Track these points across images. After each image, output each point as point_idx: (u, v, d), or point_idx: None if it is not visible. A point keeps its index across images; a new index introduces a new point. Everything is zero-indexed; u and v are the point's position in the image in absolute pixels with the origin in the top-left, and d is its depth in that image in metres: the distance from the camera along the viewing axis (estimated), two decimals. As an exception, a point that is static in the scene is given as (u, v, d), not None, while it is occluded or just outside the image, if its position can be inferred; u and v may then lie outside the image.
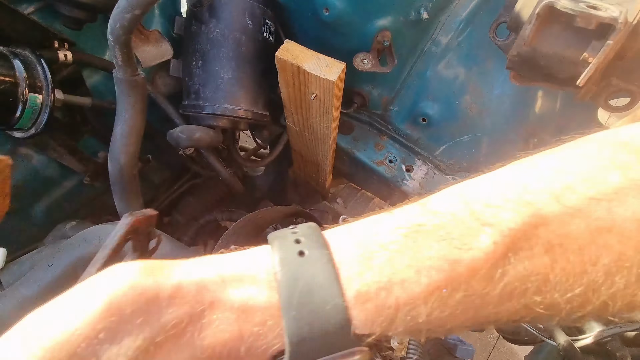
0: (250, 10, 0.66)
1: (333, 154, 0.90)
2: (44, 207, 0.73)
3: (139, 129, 0.50)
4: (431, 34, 0.72)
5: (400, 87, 0.79)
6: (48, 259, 0.44)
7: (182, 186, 1.03)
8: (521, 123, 0.78)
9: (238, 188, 0.83)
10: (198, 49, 0.67)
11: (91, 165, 0.75)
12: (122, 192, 0.51)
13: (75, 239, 0.45)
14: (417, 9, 0.62)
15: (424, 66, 0.75)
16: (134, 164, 0.52)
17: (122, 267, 0.20)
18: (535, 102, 0.77)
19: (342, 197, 1.04)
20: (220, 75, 0.66)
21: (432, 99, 0.77)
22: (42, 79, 0.48)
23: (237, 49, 0.67)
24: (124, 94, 0.47)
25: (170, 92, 0.81)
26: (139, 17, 0.39)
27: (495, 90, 0.74)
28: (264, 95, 0.74)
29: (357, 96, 0.81)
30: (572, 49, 0.46)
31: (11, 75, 0.45)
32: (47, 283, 0.43)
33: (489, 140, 0.79)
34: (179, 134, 0.67)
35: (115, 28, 0.39)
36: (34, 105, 0.47)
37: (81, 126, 0.71)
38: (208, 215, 0.92)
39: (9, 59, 0.46)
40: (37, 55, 0.49)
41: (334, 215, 0.87)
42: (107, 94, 0.74)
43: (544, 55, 0.49)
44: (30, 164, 0.68)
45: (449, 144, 0.82)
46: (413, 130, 0.84)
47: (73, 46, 0.62)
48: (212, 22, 0.65)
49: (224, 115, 0.68)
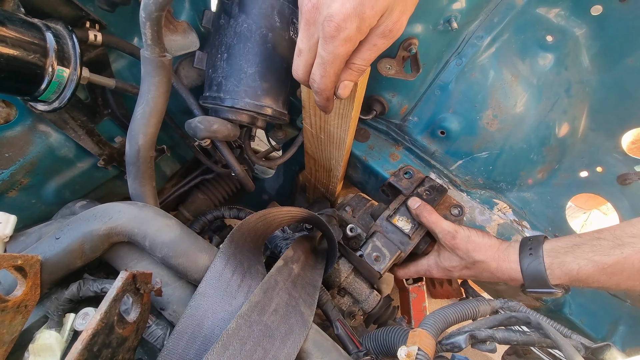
0: (279, 9, 0.67)
1: (346, 160, 0.89)
2: (55, 186, 0.73)
3: (160, 111, 0.50)
4: (457, 47, 0.72)
5: (421, 97, 0.79)
6: (56, 232, 0.44)
7: (192, 181, 1.02)
8: (542, 145, 0.77)
9: (250, 185, 0.82)
10: (224, 42, 0.67)
11: (107, 149, 0.75)
12: (136, 172, 0.51)
13: (85, 214, 0.44)
14: (447, 19, 0.62)
15: (446, 78, 0.74)
16: (152, 146, 0.51)
17: None
18: (558, 126, 0.76)
19: (351, 206, 1.02)
20: (244, 70, 0.67)
21: (452, 112, 0.76)
22: (72, 53, 0.49)
23: (263, 45, 0.67)
24: (149, 73, 0.47)
25: (192, 85, 0.81)
26: (174, -5, 0.39)
27: (517, 108, 0.73)
28: (284, 93, 0.74)
29: (376, 103, 0.80)
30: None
31: (41, 46, 0.46)
32: (52, 255, 0.42)
33: (507, 158, 0.77)
34: (197, 123, 0.67)
35: (149, 4, 0.40)
36: (60, 79, 0.48)
37: (102, 109, 0.71)
38: (215, 211, 0.91)
39: (41, 30, 0.46)
40: (69, 30, 0.49)
41: (341, 223, 0.86)
42: (131, 79, 0.74)
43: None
44: (48, 141, 0.68)
45: (465, 159, 0.80)
46: (430, 142, 0.83)
47: (104, 29, 0.63)
48: (240, 17, 0.66)
49: (243, 109, 0.68)
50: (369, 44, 0.44)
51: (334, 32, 0.40)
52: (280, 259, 0.58)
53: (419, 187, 0.79)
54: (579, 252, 0.54)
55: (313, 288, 0.58)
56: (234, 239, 0.50)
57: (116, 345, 0.35)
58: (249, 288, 0.46)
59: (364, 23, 0.40)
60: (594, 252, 0.52)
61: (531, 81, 0.72)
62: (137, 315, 0.39)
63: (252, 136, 0.82)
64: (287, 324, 0.45)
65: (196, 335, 0.41)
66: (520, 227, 0.80)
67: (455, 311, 0.54)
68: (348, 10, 0.39)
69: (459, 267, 0.69)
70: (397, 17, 0.42)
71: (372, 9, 0.39)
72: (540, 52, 0.71)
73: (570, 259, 0.54)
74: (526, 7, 0.68)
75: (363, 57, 0.45)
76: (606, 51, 0.68)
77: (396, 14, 0.41)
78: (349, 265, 0.80)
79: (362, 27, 0.41)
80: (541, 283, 0.57)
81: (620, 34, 0.65)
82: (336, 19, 0.39)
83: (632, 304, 0.70)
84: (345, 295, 0.81)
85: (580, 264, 0.53)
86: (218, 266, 0.45)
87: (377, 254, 0.72)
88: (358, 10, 0.39)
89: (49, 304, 0.43)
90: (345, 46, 0.42)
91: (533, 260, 0.58)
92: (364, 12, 0.39)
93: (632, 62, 0.67)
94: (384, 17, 0.41)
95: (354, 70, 0.46)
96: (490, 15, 0.69)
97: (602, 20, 0.65)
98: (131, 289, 0.36)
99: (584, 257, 0.53)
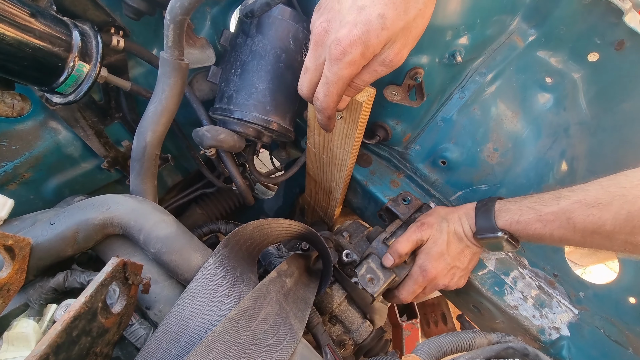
0: (294, 32, 0.71)
1: (347, 183, 0.90)
2: (56, 183, 0.73)
3: (171, 111, 0.52)
4: (460, 81, 0.75)
5: (424, 127, 0.81)
6: (51, 218, 0.43)
7: (192, 193, 1.02)
8: (541, 182, 0.77)
9: (249, 199, 0.82)
10: (239, 58, 0.71)
11: (113, 152, 0.76)
12: (140, 169, 0.51)
13: (84, 202, 0.44)
14: (452, 53, 0.65)
15: (449, 110, 0.77)
16: (158, 144, 0.52)
17: None
18: (557, 165, 0.77)
19: (348, 231, 1.01)
20: (255, 85, 0.69)
21: (454, 142, 0.78)
22: (94, 52, 0.51)
23: (276, 64, 0.70)
24: (165, 74, 0.49)
25: (203, 98, 0.84)
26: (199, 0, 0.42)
27: (518, 144, 0.75)
28: (292, 112, 0.76)
29: (380, 129, 0.83)
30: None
31: (67, 41, 0.48)
32: (44, 241, 0.41)
33: (506, 192, 0.78)
34: (204, 132, 0.68)
35: (175, 7, 0.42)
36: (80, 73, 0.50)
37: (114, 112, 0.73)
38: (212, 225, 0.91)
39: (69, 27, 0.49)
40: (95, 30, 0.52)
41: (337, 248, 0.84)
42: (146, 86, 0.77)
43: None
44: (56, 138, 0.69)
45: (465, 191, 0.81)
46: (431, 171, 0.84)
47: (127, 37, 0.66)
48: (257, 37, 0.70)
49: (251, 122, 0.70)
50: (370, 69, 0.47)
51: (340, 55, 0.44)
52: (273, 270, 0.56)
53: (416, 213, 0.78)
54: (524, 202, 0.62)
55: (305, 304, 0.56)
56: (230, 243, 0.49)
57: (96, 335, 0.34)
58: (240, 294, 0.45)
59: (368, 50, 0.44)
60: (535, 202, 0.60)
61: (531, 119, 0.75)
62: (122, 307, 0.37)
63: (256, 151, 0.83)
64: (276, 335, 0.43)
65: (180, 336, 0.39)
66: (519, 263, 0.79)
67: (450, 341, 0.53)
68: (354, 36, 0.43)
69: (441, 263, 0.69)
70: (399, 49, 0.46)
71: (377, 37, 0.43)
72: (540, 92, 0.74)
73: (517, 206, 0.62)
74: (527, 49, 0.72)
75: (363, 79, 0.48)
76: (603, 96, 0.71)
77: (398, 46, 0.45)
78: (343, 291, 0.78)
79: (366, 54, 0.44)
80: (489, 227, 0.63)
81: (616, 80, 0.68)
82: (343, 44, 0.43)
83: (633, 352, 0.67)
84: (336, 324, 0.78)
85: (522, 209, 0.61)
86: (210, 267, 0.44)
87: (371, 276, 0.70)
88: (364, 37, 0.43)
89: (32, 292, 0.42)
90: (349, 69, 0.45)
91: (485, 205, 0.66)
92: (369, 40, 0.43)
93: (628, 108, 0.70)
94: (387, 47, 0.45)
95: (352, 88, 0.50)
96: (493, 54, 0.73)
97: (598, 67, 0.69)
98: (120, 277, 0.35)
99: (527, 205, 0.61)
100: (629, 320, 0.70)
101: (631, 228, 0.48)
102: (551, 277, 0.77)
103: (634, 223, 0.47)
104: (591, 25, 0.65)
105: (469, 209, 0.69)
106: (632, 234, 0.48)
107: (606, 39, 0.65)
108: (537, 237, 0.60)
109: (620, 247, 0.51)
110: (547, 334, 0.71)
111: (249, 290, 0.46)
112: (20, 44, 0.44)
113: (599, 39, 0.65)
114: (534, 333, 0.71)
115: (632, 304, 0.70)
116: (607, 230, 0.50)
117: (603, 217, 0.50)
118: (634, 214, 0.47)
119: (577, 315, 0.72)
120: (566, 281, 0.76)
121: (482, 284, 0.75)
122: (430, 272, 0.67)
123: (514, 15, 0.70)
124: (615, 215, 0.49)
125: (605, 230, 0.50)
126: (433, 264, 0.68)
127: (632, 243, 0.49)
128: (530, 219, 0.59)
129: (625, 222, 0.48)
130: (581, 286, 0.75)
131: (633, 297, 0.70)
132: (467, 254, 0.69)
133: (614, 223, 0.49)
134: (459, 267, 0.69)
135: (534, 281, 0.76)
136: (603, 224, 0.50)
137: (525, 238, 0.62)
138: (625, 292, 0.71)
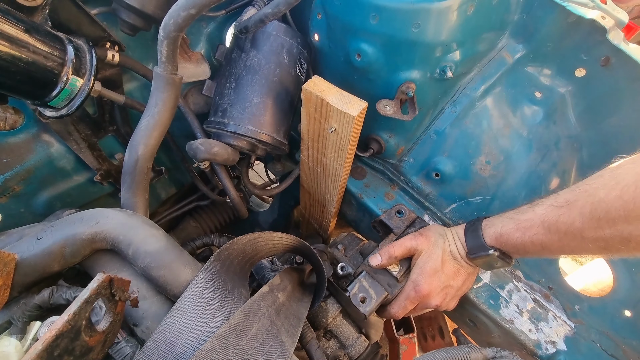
0: (288, 47, 0.72)
1: (341, 195, 0.90)
2: (47, 196, 0.72)
3: (164, 125, 0.52)
4: (452, 95, 0.76)
5: (418, 140, 0.81)
6: (38, 233, 0.43)
7: (186, 206, 1.02)
8: (533, 194, 0.78)
9: (243, 211, 0.82)
10: (234, 72, 0.71)
11: (105, 165, 0.76)
12: (131, 182, 0.51)
13: (72, 217, 0.44)
14: (442, 68, 0.66)
15: (442, 124, 0.78)
16: (150, 157, 0.52)
17: None
18: (549, 179, 0.78)
19: (343, 244, 1.01)
20: (250, 99, 0.70)
21: (447, 155, 0.79)
22: (88, 66, 0.51)
23: (270, 79, 0.71)
24: (158, 89, 0.49)
25: (198, 112, 0.85)
26: (192, 17, 0.43)
27: (510, 157, 0.76)
28: (286, 125, 0.77)
29: (374, 142, 0.83)
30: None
31: (61, 56, 0.48)
32: (30, 256, 0.41)
33: (499, 204, 0.78)
34: (198, 145, 0.68)
35: (169, 24, 0.43)
36: (73, 87, 0.50)
37: (107, 125, 0.73)
38: (205, 238, 0.90)
39: (63, 42, 0.50)
40: (89, 45, 0.53)
41: (332, 261, 0.84)
42: (140, 100, 0.77)
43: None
44: (49, 151, 0.69)
45: (459, 203, 0.81)
46: (425, 184, 0.84)
47: (122, 51, 0.67)
48: (252, 52, 0.71)
49: (245, 135, 0.70)
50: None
51: None
52: (265, 285, 0.56)
53: (410, 227, 0.78)
54: (505, 214, 0.64)
55: (297, 320, 0.55)
56: (221, 257, 0.49)
57: (79, 354, 0.33)
58: (230, 310, 0.44)
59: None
60: (515, 213, 0.62)
61: (522, 132, 0.76)
62: (108, 324, 0.36)
63: (250, 164, 0.83)
64: (266, 352, 0.42)
65: (167, 354, 0.38)
66: (513, 276, 0.78)
67: (445, 356, 0.52)
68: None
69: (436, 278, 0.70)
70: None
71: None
72: (530, 106, 0.75)
73: (499, 220, 0.64)
74: (516, 64, 0.74)
75: None
76: (591, 110, 0.72)
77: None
78: (338, 305, 0.77)
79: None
80: (479, 245, 0.64)
81: (603, 95, 0.70)
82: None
83: (631, 367, 0.66)
84: (331, 339, 0.77)
85: (503, 222, 0.62)
86: (200, 283, 0.44)
87: (364, 295, 0.69)
88: None
89: (16, 309, 0.41)
90: None
91: (473, 225, 0.68)
92: None
93: (615, 122, 0.71)
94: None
95: None
96: (483, 69, 0.74)
97: (586, 82, 0.70)
98: (106, 294, 0.35)
99: (507, 216, 0.63)
100: (625, 334, 0.69)
101: (597, 222, 0.48)
102: (546, 290, 0.76)
103: (599, 215, 0.48)
104: (577, 42, 0.67)
105: (459, 229, 0.70)
106: (599, 228, 0.48)
107: (592, 55, 0.66)
108: (521, 247, 0.60)
109: (594, 246, 0.51)
110: (544, 349, 0.70)
111: (239, 305, 0.45)
112: (14, 59, 0.45)
113: (585, 55, 0.67)
114: (531, 347, 0.70)
115: (627, 317, 0.70)
116: (577, 228, 0.51)
117: (572, 214, 0.51)
118: (597, 206, 0.48)
119: (573, 329, 0.72)
120: (561, 294, 0.75)
121: (478, 297, 0.75)
122: (424, 289, 0.67)
123: (503, 32, 0.72)
124: (581, 211, 0.50)
125: (575, 228, 0.51)
126: (427, 280, 0.67)
127: (603, 239, 0.49)
128: (510, 229, 0.60)
129: (591, 216, 0.49)
130: (576, 299, 0.74)
131: (628, 310, 0.70)
132: (462, 274, 0.69)
133: (582, 219, 0.50)
134: (452, 286, 0.68)
135: (530, 294, 0.76)
136: (572, 221, 0.51)
137: (512, 250, 0.62)
138: (620, 305, 0.70)
